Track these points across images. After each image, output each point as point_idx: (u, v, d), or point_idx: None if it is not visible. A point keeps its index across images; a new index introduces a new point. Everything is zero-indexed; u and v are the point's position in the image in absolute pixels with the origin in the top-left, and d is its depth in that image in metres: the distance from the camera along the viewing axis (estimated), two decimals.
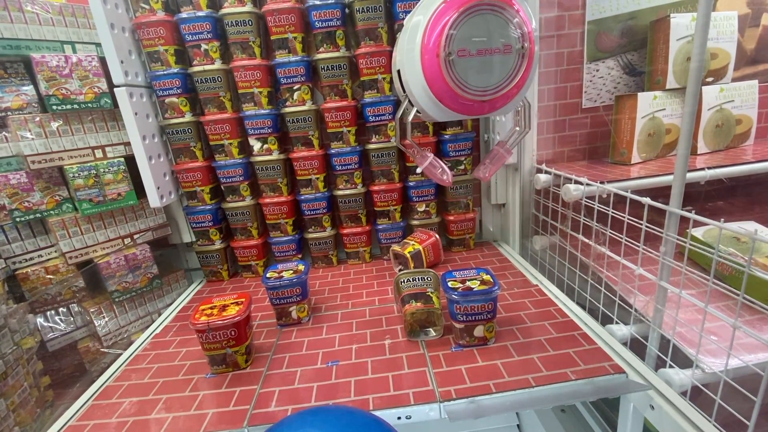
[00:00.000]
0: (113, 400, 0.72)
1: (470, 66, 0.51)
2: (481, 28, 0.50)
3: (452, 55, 0.51)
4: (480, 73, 0.52)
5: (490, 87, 0.53)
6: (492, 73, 0.53)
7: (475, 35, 0.51)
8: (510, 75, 0.54)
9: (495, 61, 0.52)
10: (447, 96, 0.53)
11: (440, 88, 0.52)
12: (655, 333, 0.75)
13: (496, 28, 0.51)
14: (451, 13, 0.50)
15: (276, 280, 0.87)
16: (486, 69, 0.53)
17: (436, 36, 0.50)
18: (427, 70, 0.52)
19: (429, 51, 0.51)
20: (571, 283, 0.96)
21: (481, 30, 0.51)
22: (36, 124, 0.89)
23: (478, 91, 0.53)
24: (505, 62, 0.53)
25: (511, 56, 0.53)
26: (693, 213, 0.63)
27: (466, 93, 0.52)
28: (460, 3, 0.50)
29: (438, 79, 0.52)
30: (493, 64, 0.52)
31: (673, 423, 0.56)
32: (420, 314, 0.80)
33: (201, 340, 0.73)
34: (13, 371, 0.85)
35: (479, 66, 0.52)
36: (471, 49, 0.51)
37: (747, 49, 1.17)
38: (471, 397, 0.63)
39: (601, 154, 1.21)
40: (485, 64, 0.52)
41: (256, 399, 0.68)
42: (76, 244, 1.00)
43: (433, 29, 0.52)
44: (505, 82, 0.54)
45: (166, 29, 0.99)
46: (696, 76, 0.62)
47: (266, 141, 1.10)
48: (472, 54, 0.51)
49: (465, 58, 0.51)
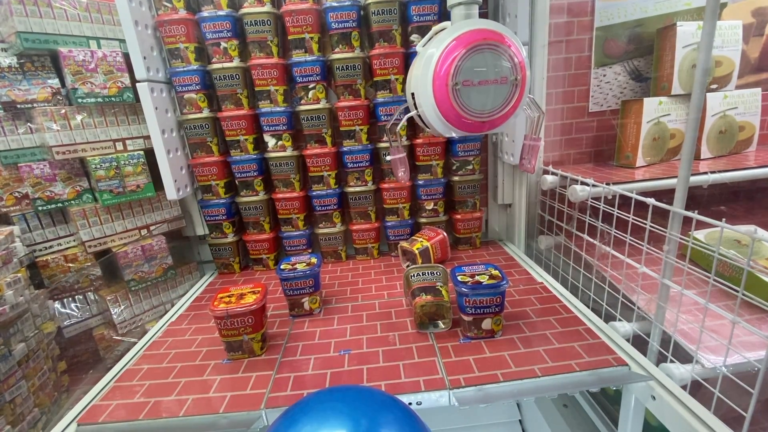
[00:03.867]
0: (134, 382, 0.75)
1: (473, 94, 0.62)
2: (482, 62, 0.60)
3: (458, 85, 0.61)
4: (481, 99, 0.62)
5: (489, 111, 0.64)
6: (491, 100, 0.63)
7: (477, 68, 0.60)
8: (506, 101, 0.64)
9: (493, 90, 0.62)
10: (453, 117, 0.63)
11: (448, 110, 0.62)
12: (657, 329, 0.78)
13: (494, 63, 0.61)
14: (459, 50, 0.60)
15: (290, 272, 0.90)
16: (486, 96, 0.62)
17: (446, 68, 0.60)
18: (438, 96, 0.62)
19: (439, 80, 0.61)
20: (576, 282, 0.98)
21: (482, 64, 0.60)
22: (61, 116, 0.93)
23: (479, 114, 0.63)
24: (501, 91, 0.63)
25: (506, 86, 0.63)
26: (696, 213, 0.66)
27: (469, 115, 0.63)
28: (467, 42, 0.60)
29: (446, 104, 0.62)
30: (492, 93, 0.62)
31: (674, 413, 0.59)
32: (429, 307, 0.83)
33: (219, 326, 0.76)
34: (34, 354, 0.88)
35: (480, 94, 0.62)
36: (474, 80, 0.61)
37: (751, 57, 1.20)
38: (479, 385, 0.66)
39: (607, 157, 1.24)
40: (485, 93, 0.62)
41: (272, 384, 0.71)
42: (95, 233, 1.03)
43: (443, 62, 0.61)
44: (502, 107, 0.64)
45: (187, 27, 1.02)
46: (701, 84, 0.65)
47: (281, 138, 1.13)
48: (474, 84, 0.61)
49: (468, 87, 0.61)
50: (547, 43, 1.06)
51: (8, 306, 0.80)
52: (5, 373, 0.80)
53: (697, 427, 0.55)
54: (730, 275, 0.88)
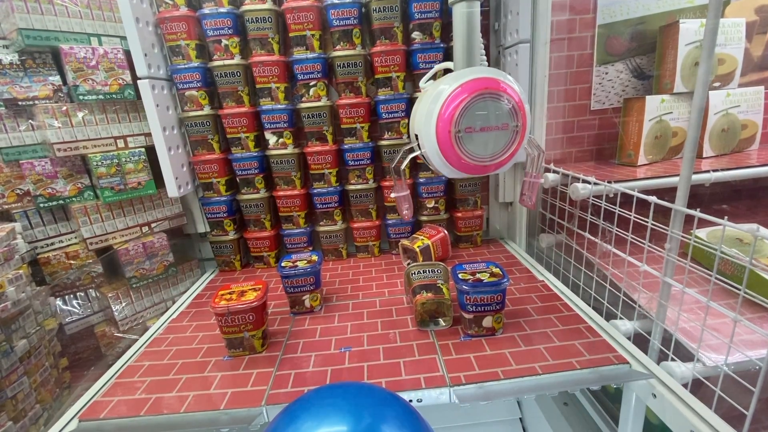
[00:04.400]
0: (135, 379, 0.75)
1: (475, 140, 0.63)
2: (483, 110, 0.62)
3: (461, 132, 0.63)
4: (483, 145, 0.64)
5: (491, 155, 0.66)
6: (492, 145, 0.65)
7: (479, 115, 0.62)
8: (507, 146, 0.66)
9: (495, 136, 0.64)
10: (456, 161, 0.65)
11: (450, 155, 0.64)
12: (658, 328, 0.77)
13: (495, 110, 0.63)
14: (461, 97, 0.61)
15: (291, 269, 0.90)
16: (487, 141, 0.64)
17: (448, 115, 0.62)
18: (441, 141, 0.64)
19: (442, 127, 0.63)
20: (576, 280, 0.98)
21: (484, 111, 0.62)
22: (62, 113, 0.93)
23: (481, 159, 0.65)
24: (502, 136, 0.64)
25: (507, 132, 0.64)
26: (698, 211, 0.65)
27: (471, 160, 0.65)
28: (469, 90, 0.61)
29: (449, 149, 0.64)
30: (494, 138, 0.64)
31: (675, 411, 0.59)
32: (430, 304, 0.83)
33: (220, 323, 0.76)
34: (36, 350, 0.89)
35: (482, 139, 0.64)
36: (475, 127, 0.63)
37: (754, 55, 1.19)
38: (479, 383, 0.66)
39: (608, 155, 1.24)
40: (487, 138, 0.64)
41: (272, 380, 0.71)
42: (97, 230, 1.03)
43: (446, 109, 0.63)
44: (503, 152, 0.66)
45: (188, 24, 1.02)
46: (703, 81, 0.65)
47: (281, 135, 1.13)
48: (476, 130, 0.63)
49: (471, 134, 0.63)
50: (549, 40, 1.05)
51: (10, 302, 0.80)
52: (7, 370, 0.80)
53: (698, 425, 0.55)
54: (731, 274, 0.88)
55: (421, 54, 1.07)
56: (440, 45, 1.07)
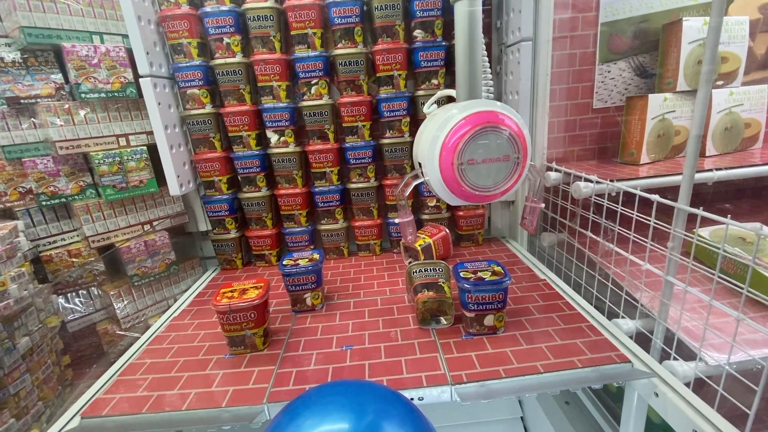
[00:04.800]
0: (137, 376, 0.75)
1: (477, 171, 0.65)
2: (485, 142, 0.64)
3: (463, 164, 0.65)
4: (484, 176, 0.66)
5: (493, 185, 0.67)
6: (494, 176, 0.67)
7: (481, 148, 0.64)
8: (508, 176, 0.68)
9: (496, 167, 0.66)
10: (458, 191, 0.67)
11: (453, 186, 0.66)
12: (661, 327, 0.77)
13: (497, 142, 0.65)
14: (464, 130, 0.63)
15: (292, 268, 0.90)
16: (489, 172, 0.66)
17: (451, 147, 0.64)
18: (444, 173, 0.66)
19: (445, 159, 0.65)
20: (578, 279, 0.98)
21: (486, 144, 0.64)
22: (65, 111, 0.93)
23: (483, 189, 0.67)
24: (504, 167, 0.67)
25: (509, 163, 0.66)
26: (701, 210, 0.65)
27: (473, 190, 0.67)
28: (472, 123, 0.63)
29: (452, 180, 0.66)
30: (495, 169, 0.66)
31: (677, 410, 0.59)
32: (432, 303, 0.83)
33: (222, 321, 0.76)
34: (38, 348, 0.89)
35: (484, 171, 0.66)
36: (478, 159, 0.65)
37: (757, 53, 1.18)
38: (481, 381, 0.66)
39: (611, 154, 1.23)
40: (489, 170, 0.66)
41: (274, 378, 0.71)
42: (99, 228, 1.03)
43: (449, 141, 0.65)
44: (505, 182, 0.68)
45: (190, 22, 1.02)
46: (707, 80, 0.64)
47: (283, 133, 1.13)
48: (478, 162, 0.65)
49: (473, 165, 0.65)
50: (551, 38, 1.05)
51: (12, 300, 0.81)
52: (9, 367, 0.80)
53: (701, 424, 0.55)
54: (734, 273, 0.87)
55: (423, 52, 1.07)
56: (442, 43, 1.07)
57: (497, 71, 1.19)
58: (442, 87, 1.11)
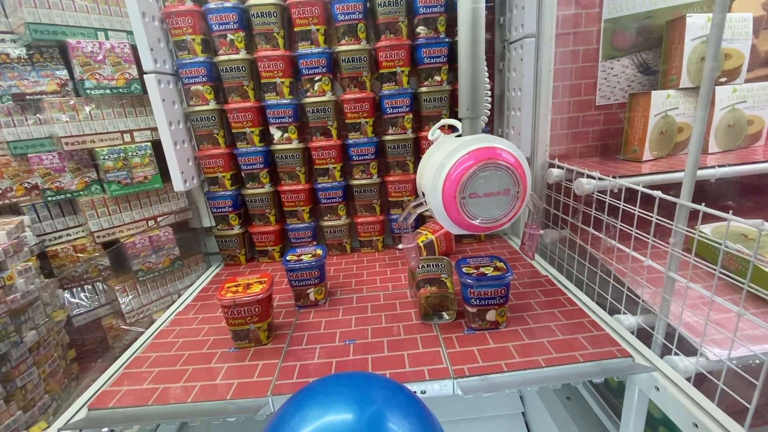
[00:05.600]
0: (142, 370, 0.76)
1: (478, 204, 0.69)
2: (487, 177, 0.68)
3: (465, 198, 0.68)
4: (485, 208, 0.70)
5: (493, 218, 0.71)
6: (494, 208, 0.70)
7: (483, 181, 0.68)
8: (509, 209, 0.71)
9: (497, 200, 0.70)
10: (460, 222, 0.71)
11: (455, 217, 0.70)
12: (662, 322, 0.78)
13: (497, 177, 0.68)
14: (466, 165, 0.67)
15: (296, 263, 0.91)
16: (490, 205, 0.70)
17: (454, 180, 0.68)
18: (446, 204, 0.70)
19: (448, 192, 0.68)
20: (580, 275, 0.99)
21: (488, 178, 0.68)
22: (70, 107, 0.93)
23: (483, 221, 0.71)
24: (504, 200, 0.70)
25: (509, 197, 0.70)
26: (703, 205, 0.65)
27: (474, 221, 0.70)
28: (475, 159, 0.67)
29: (454, 212, 0.69)
30: (495, 202, 0.70)
31: (678, 404, 0.59)
32: (434, 298, 0.83)
33: (226, 315, 0.77)
34: (45, 341, 0.90)
35: (485, 204, 0.69)
36: (479, 192, 0.68)
37: (761, 50, 1.18)
38: (483, 375, 0.67)
39: (613, 151, 1.23)
40: (489, 202, 0.69)
41: (278, 372, 0.72)
42: (104, 224, 1.04)
43: (452, 174, 0.68)
44: (504, 215, 0.71)
45: (193, 19, 1.03)
46: (709, 77, 0.64)
47: (286, 130, 1.13)
48: (480, 196, 0.68)
49: (474, 199, 0.68)
50: (554, 35, 1.05)
51: (19, 294, 0.82)
52: (17, 360, 0.81)
53: (701, 417, 0.56)
54: (736, 269, 0.87)
55: (426, 49, 1.07)
56: (445, 40, 1.07)
57: (500, 68, 1.19)
58: (444, 83, 1.11)
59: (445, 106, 1.13)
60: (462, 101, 0.75)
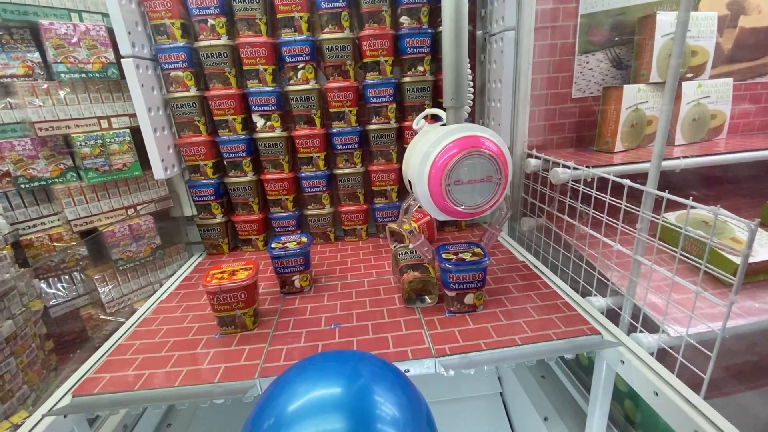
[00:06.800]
0: (127, 356, 0.76)
1: (463, 191, 0.72)
2: (471, 164, 0.71)
3: (450, 185, 0.71)
4: (469, 195, 0.73)
5: (477, 204, 0.75)
6: (477, 195, 0.74)
7: (468, 169, 0.71)
8: (490, 197, 0.75)
9: (480, 188, 0.73)
10: (445, 208, 0.74)
11: (441, 204, 0.73)
12: (629, 302, 0.83)
13: (481, 165, 0.71)
14: (451, 153, 0.70)
15: (281, 250, 0.92)
16: (473, 192, 0.73)
17: (439, 168, 0.70)
18: (432, 192, 0.72)
19: (434, 180, 0.71)
20: (555, 261, 1.03)
21: (472, 166, 0.71)
22: (43, 91, 0.90)
23: (467, 206, 0.74)
24: (487, 187, 0.74)
25: (491, 184, 0.73)
26: (666, 192, 0.70)
27: (458, 208, 0.73)
28: (460, 147, 0.70)
29: (440, 199, 0.72)
30: (479, 189, 0.73)
31: (641, 375, 0.64)
32: (417, 283, 0.86)
33: (212, 301, 0.78)
34: (22, 332, 0.88)
35: (469, 191, 0.73)
36: (464, 179, 0.71)
37: (725, 48, 1.25)
38: (463, 353, 0.70)
39: (587, 142, 1.28)
40: (473, 190, 0.73)
41: (265, 355, 0.73)
42: (81, 212, 1.02)
43: (437, 162, 0.71)
44: (487, 201, 0.75)
45: (172, 2, 1.00)
46: (674, 73, 0.69)
47: (269, 118, 1.13)
48: (464, 183, 0.72)
49: (459, 186, 0.72)
50: (533, 28, 1.08)
51: None
52: None
53: (661, 386, 0.61)
54: (696, 254, 0.94)
55: (409, 39, 1.08)
56: (428, 30, 1.09)
57: (481, 60, 1.22)
58: (427, 74, 1.13)
59: (428, 96, 1.14)
60: (446, 91, 0.77)
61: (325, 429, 0.42)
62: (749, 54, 1.28)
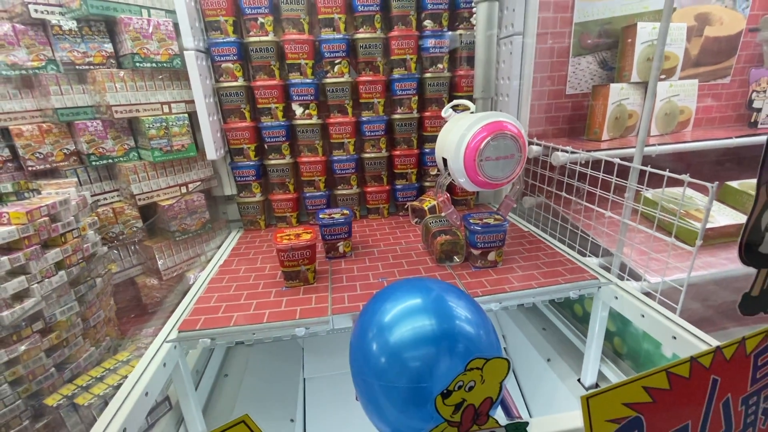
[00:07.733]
0: (211, 305, 0.90)
1: (492, 166, 0.90)
2: (499, 144, 0.88)
3: (483, 161, 0.88)
4: (496, 169, 0.91)
5: (503, 176, 0.92)
6: (501, 168, 0.91)
7: (495, 148, 0.88)
8: (513, 170, 0.93)
9: (506, 163, 0.91)
10: (477, 180, 0.91)
11: (474, 177, 0.90)
12: (617, 258, 1.03)
13: (505, 144, 0.89)
14: (482, 135, 0.87)
15: (329, 219, 1.07)
16: (499, 166, 0.91)
17: (474, 147, 0.87)
18: (467, 167, 0.90)
19: (469, 157, 0.88)
20: (554, 232, 1.23)
21: (499, 145, 0.88)
22: (120, 78, 1.02)
23: (495, 178, 0.92)
24: (510, 163, 0.91)
25: (513, 160, 0.91)
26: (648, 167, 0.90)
27: (488, 180, 0.91)
28: (490, 130, 0.88)
29: (473, 173, 0.90)
30: (503, 164, 0.91)
31: (631, 304, 0.84)
32: (447, 245, 1.03)
33: (282, 258, 0.92)
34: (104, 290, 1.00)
35: (497, 166, 0.90)
36: (493, 156, 0.88)
37: (692, 54, 1.48)
38: (493, 294, 0.88)
39: (578, 133, 1.49)
40: (500, 165, 0.90)
41: (331, 300, 0.89)
42: (144, 188, 1.14)
43: (472, 143, 0.88)
44: (506, 177, 0.93)
45: (227, 2, 1.13)
46: (656, 75, 0.88)
47: (308, 107, 1.27)
48: (493, 159, 0.89)
49: (490, 161, 0.89)
50: (536, 33, 1.27)
51: (90, 243, 0.91)
52: (90, 302, 0.92)
53: (647, 310, 0.80)
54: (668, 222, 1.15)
55: (431, 39, 1.25)
56: (447, 33, 1.25)
57: None
58: (445, 71, 1.30)
59: (445, 90, 1.32)
60: (477, 85, 0.94)
61: (416, 326, 0.58)
62: (712, 59, 1.51)
